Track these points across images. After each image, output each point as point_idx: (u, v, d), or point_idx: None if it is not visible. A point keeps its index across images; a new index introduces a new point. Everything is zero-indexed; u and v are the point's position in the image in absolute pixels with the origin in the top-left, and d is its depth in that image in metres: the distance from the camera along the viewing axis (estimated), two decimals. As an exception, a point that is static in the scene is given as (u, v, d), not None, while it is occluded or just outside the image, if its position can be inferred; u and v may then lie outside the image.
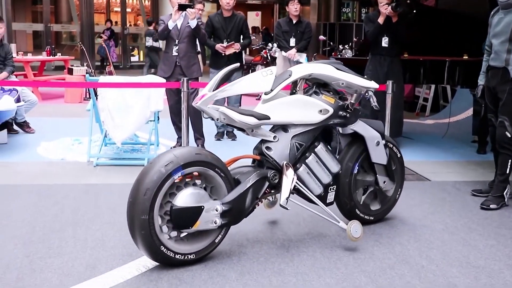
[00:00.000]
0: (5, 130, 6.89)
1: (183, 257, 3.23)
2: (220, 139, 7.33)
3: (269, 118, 3.43)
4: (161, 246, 3.14)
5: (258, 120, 3.38)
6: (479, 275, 3.28)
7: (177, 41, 6.32)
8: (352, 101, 3.70)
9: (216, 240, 3.35)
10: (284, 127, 3.56)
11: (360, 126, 3.83)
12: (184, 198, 3.20)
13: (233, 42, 6.88)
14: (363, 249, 3.61)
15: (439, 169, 6.01)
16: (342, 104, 3.69)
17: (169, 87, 6.16)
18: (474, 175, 5.76)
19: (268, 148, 3.50)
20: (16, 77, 8.82)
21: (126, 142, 6.21)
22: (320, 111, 3.58)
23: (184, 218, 3.19)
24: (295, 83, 3.65)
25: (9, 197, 4.55)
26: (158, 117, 6.04)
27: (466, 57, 7.30)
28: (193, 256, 3.26)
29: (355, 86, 3.67)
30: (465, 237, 3.90)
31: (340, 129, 3.86)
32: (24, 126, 7.54)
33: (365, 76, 3.80)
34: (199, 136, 6.45)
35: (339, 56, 9.93)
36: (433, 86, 9.81)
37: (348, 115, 3.69)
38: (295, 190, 3.58)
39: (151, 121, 6.00)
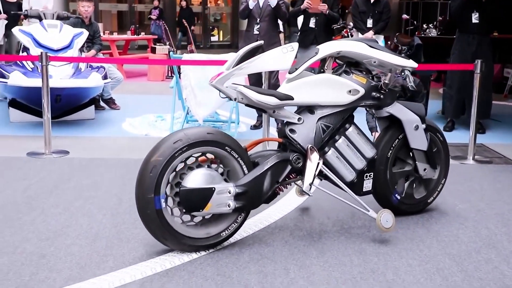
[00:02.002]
0: (93, 106, 7.18)
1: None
2: None
3: (292, 99, 3.22)
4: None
5: (280, 100, 3.17)
6: None
7: (258, 19, 6.33)
8: (386, 81, 3.42)
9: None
10: (310, 109, 3.33)
11: (396, 109, 3.55)
12: (194, 179, 3.04)
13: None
14: (447, 232, 3.51)
15: (529, 152, 5.75)
16: (375, 85, 3.44)
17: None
18: None
19: (292, 130, 3.28)
20: (103, 55, 9.13)
21: (207, 119, 6.32)
22: (350, 91, 3.33)
23: (193, 200, 3.03)
24: (323, 62, 3.43)
25: (97, 170, 4.74)
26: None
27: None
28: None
29: (389, 65, 3.40)
30: (558, 223, 3.72)
31: (375, 111, 3.62)
32: (110, 102, 7.81)
33: (402, 55, 3.55)
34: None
35: (422, 35, 9.64)
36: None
37: (382, 96, 3.44)
38: (323, 176, 3.40)
39: (232, 99, 6.04)
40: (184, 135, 3.02)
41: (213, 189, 3.04)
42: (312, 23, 6.81)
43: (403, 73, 3.47)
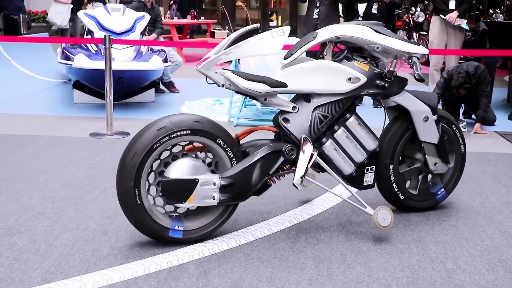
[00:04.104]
0: (153, 89, 7.29)
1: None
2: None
3: (286, 86, 3.02)
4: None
5: (271, 87, 2.98)
6: None
7: (318, 3, 6.27)
8: (391, 69, 3.18)
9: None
10: (306, 97, 3.12)
11: (404, 98, 3.31)
12: (176, 170, 2.90)
13: None
14: (511, 223, 3.40)
15: None
16: (379, 72, 3.18)
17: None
18: None
19: (285, 119, 3.07)
20: (164, 39, 9.25)
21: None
22: (349, 79, 3.10)
23: (175, 191, 2.89)
24: (323, 47, 3.21)
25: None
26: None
27: None
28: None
29: (395, 51, 3.17)
30: None
31: (382, 101, 3.38)
32: (170, 86, 7.92)
33: (412, 40, 3.37)
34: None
35: (488, 20, 9.32)
36: None
37: (387, 84, 3.19)
38: (320, 168, 3.21)
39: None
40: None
41: (197, 180, 2.89)
42: (374, 9, 6.70)
43: (410, 60, 3.25)
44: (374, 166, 3.27)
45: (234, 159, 3.00)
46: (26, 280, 2.60)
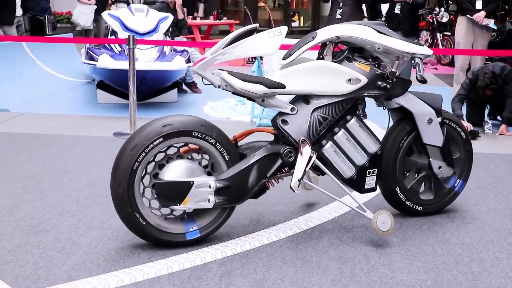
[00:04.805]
0: (176, 89, 7.33)
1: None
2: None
3: (284, 87, 2.96)
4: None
5: (268, 88, 2.93)
6: None
7: (341, 3, 6.23)
8: (393, 70, 3.09)
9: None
10: (305, 98, 3.06)
11: (408, 100, 3.22)
12: (171, 172, 2.87)
13: None
14: (537, 226, 3.36)
15: None
16: (381, 73, 3.10)
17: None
18: None
19: (284, 121, 3.01)
20: (186, 39, 9.29)
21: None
22: (349, 80, 3.03)
23: (170, 194, 2.86)
24: (323, 47, 3.13)
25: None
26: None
27: None
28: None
29: (396, 52, 3.09)
30: None
31: (385, 103, 3.30)
32: (192, 86, 7.95)
33: (416, 41, 3.21)
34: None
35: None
36: None
37: (388, 86, 3.11)
38: (320, 171, 3.15)
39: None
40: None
41: (192, 182, 2.86)
42: (397, 9, 6.64)
43: (413, 61, 3.15)
44: (376, 170, 3.19)
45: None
46: (52, 278, 2.63)
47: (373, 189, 3.24)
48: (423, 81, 3.10)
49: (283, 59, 3.04)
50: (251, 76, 2.96)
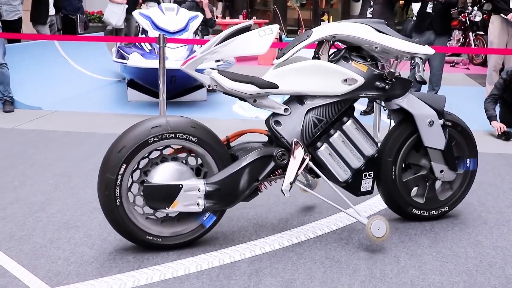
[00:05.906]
0: (205, 88, 7.30)
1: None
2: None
3: (277, 87, 2.87)
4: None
5: (260, 88, 2.85)
6: None
7: (372, 2, 6.18)
8: (391, 70, 2.98)
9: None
10: (299, 99, 2.96)
11: (408, 101, 3.09)
12: (160, 174, 2.80)
13: None
14: None
15: None
16: (379, 73, 2.99)
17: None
18: None
19: (276, 122, 2.93)
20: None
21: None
22: (345, 80, 2.92)
23: (158, 197, 2.78)
24: (319, 46, 3.02)
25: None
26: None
27: None
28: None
29: (394, 52, 2.97)
30: None
31: (384, 104, 3.19)
32: (222, 85, 7.96)
33: (416, 40, 3.10)
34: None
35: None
36: None
37: (387, 86, 3.00)
38: (315, 174, 3.05)
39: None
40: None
41: (180, 186, 2.80)
42: (429, 8, 6.55)
43: (413, 61, 3.04)
44: (372, 172, 3.11)
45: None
46: (82, 274, 2.65)
47: (369, 192, 3.17)
48: (422, 82, 2.99)
49: (277, 58, 2.95)
50: (242, 76, 2.88)
